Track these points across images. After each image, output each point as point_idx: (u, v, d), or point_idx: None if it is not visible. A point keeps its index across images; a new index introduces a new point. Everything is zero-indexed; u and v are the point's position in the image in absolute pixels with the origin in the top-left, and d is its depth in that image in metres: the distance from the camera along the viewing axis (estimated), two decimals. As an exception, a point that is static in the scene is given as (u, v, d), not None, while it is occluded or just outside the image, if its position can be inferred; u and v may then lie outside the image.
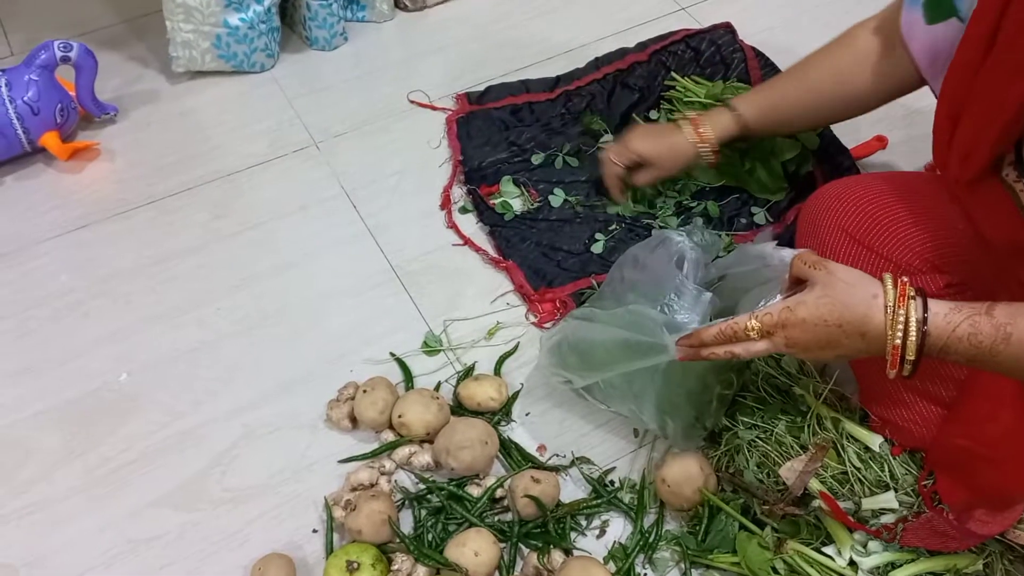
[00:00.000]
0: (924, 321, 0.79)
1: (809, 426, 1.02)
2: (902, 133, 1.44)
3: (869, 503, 0.96)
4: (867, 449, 1.00)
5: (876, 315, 0.80)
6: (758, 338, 0.85)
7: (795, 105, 1.19)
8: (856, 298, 0.81)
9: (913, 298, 0.80)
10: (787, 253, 0.92)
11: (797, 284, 0.87)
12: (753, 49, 1.54)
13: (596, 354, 1.04)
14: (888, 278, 0.82)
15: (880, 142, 1.45)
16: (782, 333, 0.84)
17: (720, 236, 1.19)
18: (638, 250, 1.08)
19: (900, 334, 0.79)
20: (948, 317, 0.79)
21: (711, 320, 0.94)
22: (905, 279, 0.81)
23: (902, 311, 0.79)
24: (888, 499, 0.96)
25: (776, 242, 0.98)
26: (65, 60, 1.41)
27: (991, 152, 0.85)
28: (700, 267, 1.03)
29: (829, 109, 1.19)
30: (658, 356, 0.94)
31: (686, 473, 1.04)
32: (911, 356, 0.80)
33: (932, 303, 0.80)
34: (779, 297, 0.87)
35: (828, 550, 0.97)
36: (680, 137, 1.25)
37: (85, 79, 1.46)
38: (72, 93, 1.47)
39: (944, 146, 0.92)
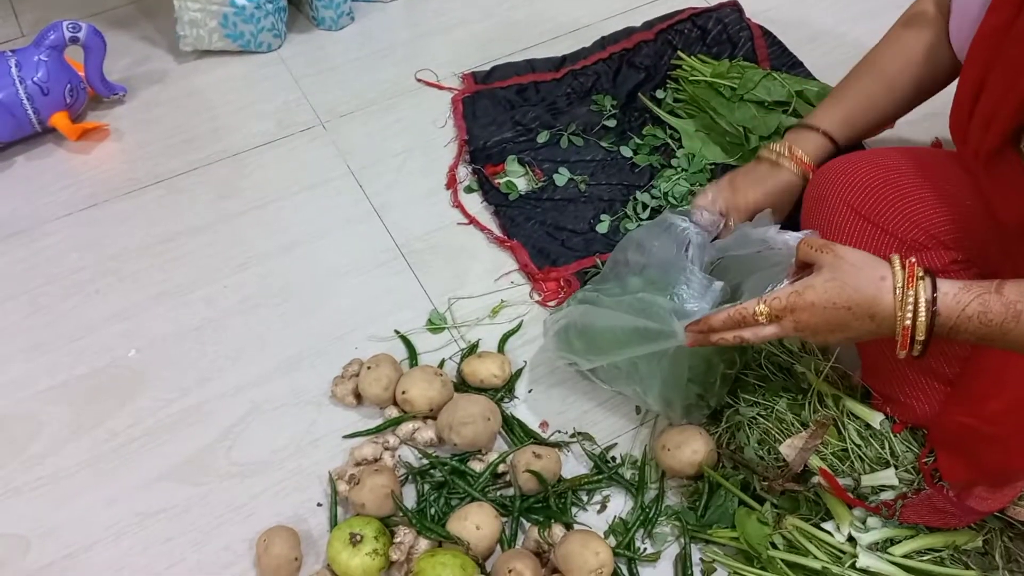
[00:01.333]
0: (933, 301, 0.79)
1: (810, 403, 1.02)
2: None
3: (869, 480, 0.97)
4: (868, 426, 1.00)
5: (885, 296, 0.80)
6: (767, 323, 0.86)
7: (880, 102, 1.12)
8: (864, 280, 0.81)
9: (922, 278, 0.80)
10: (791, 237, 0.92)
11: (804, 268, 0.87)
12: (760, 27, 1.53)
13: (602, 339, 1.05)
14: (896, 259, 0.82)
15: (886, 121, 1.44)
16: (791, 317, 0.84)
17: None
18: (642, 233, 1.08)
19: (910, 315, 0.79)
20: (957, 296, 0.79)
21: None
22: (913, 260, 0.81)
23: (911, 292, 0.79)
24: (888, 476, 0.96)
25: (779, 225, 0.98)
26: (74, 41, 1.42)
27: (1013, 119, 0.84)
28: (704, 250, 1.03)
29: (914, 90, 1.11)
30: (666, 342, 0.95)
31: (687, 437, 1.05)
32: (921, 336, 0.80)
33: (941, 283, 0.80)
34: (786, 282, 0.87)
35: (827, 526, 0.97)
36: (785, 173, 1.14)
37: (94, 59, 1.47)
38: (81, 73, 1.48)
39: (964, 115, 0.91)
